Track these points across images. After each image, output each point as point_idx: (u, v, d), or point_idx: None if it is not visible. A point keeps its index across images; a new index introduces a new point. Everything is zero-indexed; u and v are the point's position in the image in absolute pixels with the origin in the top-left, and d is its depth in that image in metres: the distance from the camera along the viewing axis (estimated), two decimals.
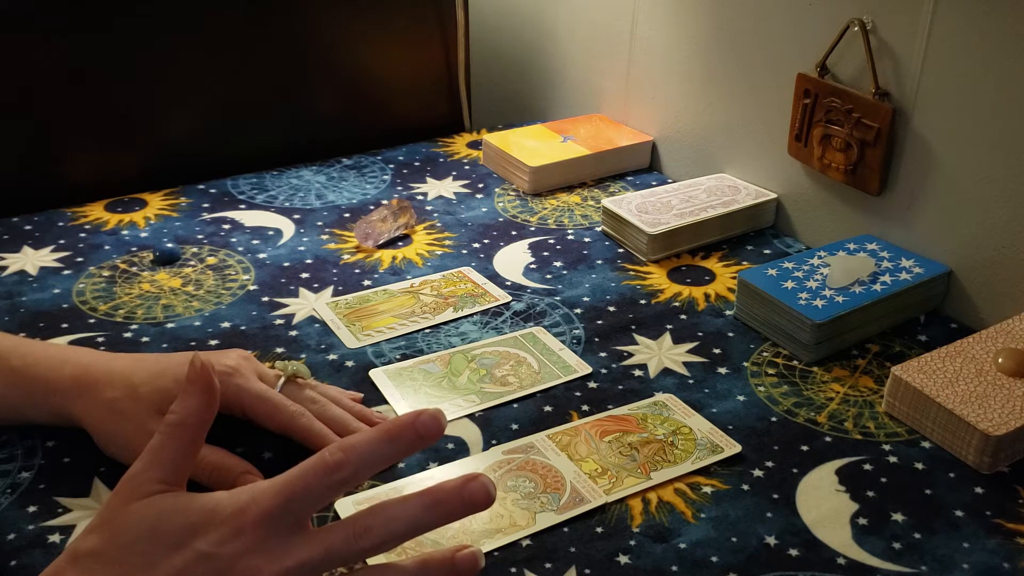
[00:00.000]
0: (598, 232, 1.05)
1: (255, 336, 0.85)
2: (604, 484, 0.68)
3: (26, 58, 1.03)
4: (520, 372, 0.81)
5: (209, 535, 0.46)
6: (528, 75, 1.44)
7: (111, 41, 1.06)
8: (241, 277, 0.94)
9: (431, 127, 1.32)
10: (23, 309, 0.87)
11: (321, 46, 1.20)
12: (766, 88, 1.04)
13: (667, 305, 0.92)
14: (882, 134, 0.91)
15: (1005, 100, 0.82)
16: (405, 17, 1.25)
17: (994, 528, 0.66)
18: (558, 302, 0.92)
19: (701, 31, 1.10)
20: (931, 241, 0.91)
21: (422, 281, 0.94)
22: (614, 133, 1.22)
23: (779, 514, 0.67)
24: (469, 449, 0.72)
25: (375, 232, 1.00)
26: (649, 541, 0.64)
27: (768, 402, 0.78)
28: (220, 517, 0.46)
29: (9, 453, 0.70)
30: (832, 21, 0.94)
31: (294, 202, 1.10)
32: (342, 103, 1.25)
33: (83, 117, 1.08)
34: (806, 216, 1.04)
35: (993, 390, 0.74)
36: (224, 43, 1.13)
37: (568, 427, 0.74)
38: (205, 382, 0.51)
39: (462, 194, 1.13)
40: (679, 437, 0.73)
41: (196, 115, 1.15)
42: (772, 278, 0.88)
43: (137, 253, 0.98)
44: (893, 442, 0.74)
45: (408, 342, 0.85)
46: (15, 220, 1.03)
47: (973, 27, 0.83)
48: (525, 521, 0.65)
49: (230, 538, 0.46)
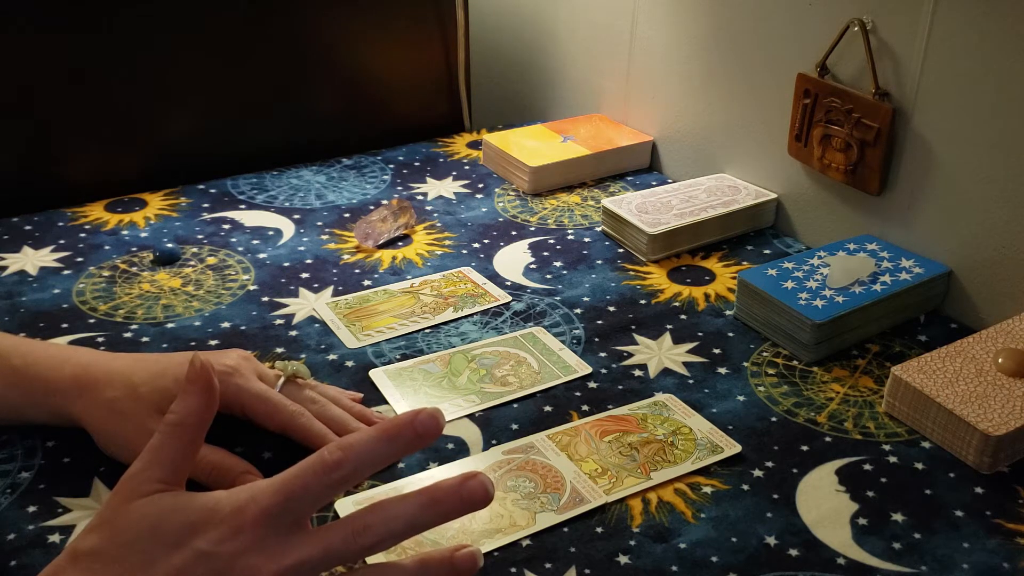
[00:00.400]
0: (598, 232, 1.05)
1: (255, 336, 0.85)
2: (604, 484, 0.68)
3: (26, 58, 1.03)
4: (520, 372, 0.81)
5: (208, 534, 0.46)
6: (528, 75, 1.44)
7: (111, 41, 1.06)
8: (241, 277, 0.94)
9: (431, 127, 1.32)
10: (23, 309, 0.87)
11: (321, 46, 1.20)
12: (766, 88, 1.04)
13: (667, 305, 0.92)
14: (882, 134, 0.91)
15: (1005, 100, 0.82)
16: (405, 17, 1.25)
17: (994, 528, 0.66)
18: (558, 302, 0.92)
19: (701, 31, 1.10)
20: (931, 241, 0.91)
21: (422, 281, 0.94)
22: (614, 133, 1.22)
23: (779, 514, 0.67)
24: (469, 449, 0.72)
25: (375, 232, 1.00)
26: (649, 541, 0.64)
27: (768, 402, 0.78)
28: (219, 516, 0.46)
29: (9, 453, 0.70)
30: (832, 21, 0.94)
31: (294, 202, 1.10)
32: (342, 103, 1.25)
33: (83, 117, 1.08)
34: (806, 216, 1.04)
35: (993, 390, 0.74)
36: (224, 43, 1.13)
37: (568, 427, 0.74)
38: (205, 382, 0.51)
39: (462, 194, 1.13)
40: (679, 437, 0.73)
41: (196, 115, 1.15)
42: (772, 278, 0.88)
43: (137, 253, 0.98)
44: (893, 442, 0.74)
45: (408, 342, 0.85)
46: (15, 220, 1.03)
47: (973, 27, 0.83)
48: (525, 521, 0.65)
49: (229, 537, 0.46)
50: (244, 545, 0.46)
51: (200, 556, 0.45)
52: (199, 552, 0.45)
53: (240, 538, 0.46)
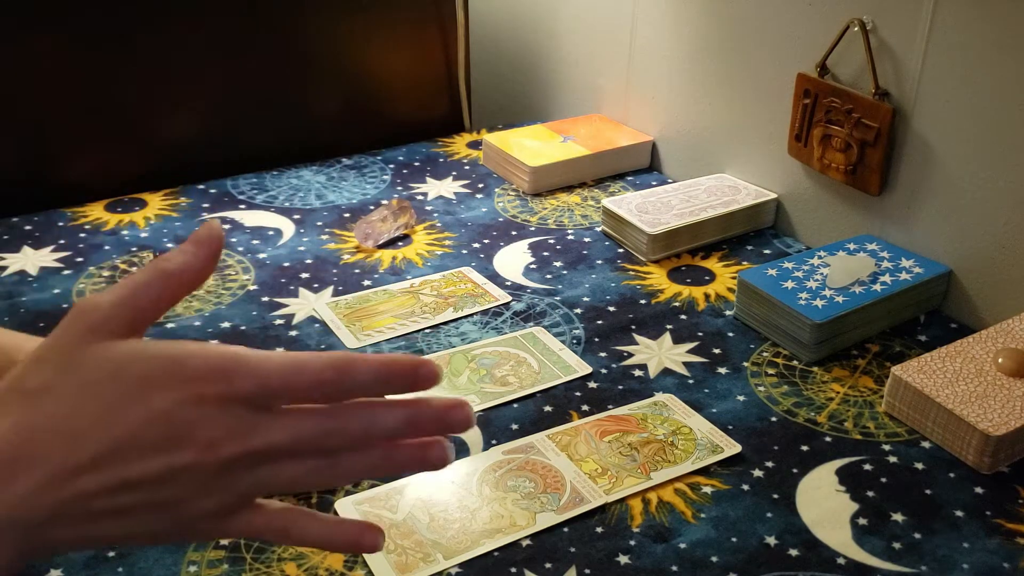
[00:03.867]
0: (598, 232, 1.05)
1: (255, 336, 0.85)
2: (604, 484, 0.68)
3: (26, 58, 1.03)
4: (520, 372, 0.81)
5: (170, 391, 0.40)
6: (528, 75, 1.44)
7: (111, 41, 1.06)
8: (241, 277, 0.94)
9: (431, 127, 1.32)
10: (23, 309, 0.87)
11: (321, 46, 1.20)
12: (766, 88, 1.04)
13: (667, 305, 0.92)
14: (882, 134, 0.91)
15: (1005, 100, 0.82)
16: (405, 17, 1.25)
17: (994, 528, 0.66)
18: (558, 302, 0.92)
19: (701, 31, 1.10)
20: (931, 241, 0.91)
21: (422, 281, 0.94)
22: (614, 133, 1.22)
23: (779, 514, 0.67)
24: (469, 449, 0.72)
25: (375, 232, 1.00)
26: (649, 541, 0.64)
27: (768, 402, 0.78)
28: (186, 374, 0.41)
29: None
30: (832, 21, 0.94)
31: (294, 202, 1.10)
32: (342, 103, 1.25)
33: (83, 117, 1.08)
34: (806, 216, 1.04)
35: (993, 390, 0.74)
36: (224, 43, 1.13)
37: (568, 427, 0.74)
38: (213, 248, 0.45)
39: (462, 194, 1.13)
40: (679, 437, 0.73)
41: (196, 115, 1.15)
42: (772, 278, 0.88)
43: (137, 253, 0.98)
44: (893, 442, 0.74)
45: (408, 342, 0.85)
46: (15, 220, 1.03)
47: (973, 27, 0.83)
48: (525, 521, 0.65)
49: (192, 402, 0.40)
50: (207, 415, 0.40)
51: (157, 416, 0.40)
52: (156, 411, 0.40)
53: (204, 407, 0.40)
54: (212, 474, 0.41)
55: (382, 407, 0.42)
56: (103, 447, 0.40)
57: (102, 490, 0.40)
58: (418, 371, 0.42)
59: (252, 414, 0.41)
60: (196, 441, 0.40)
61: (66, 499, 0.40)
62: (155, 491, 0.41)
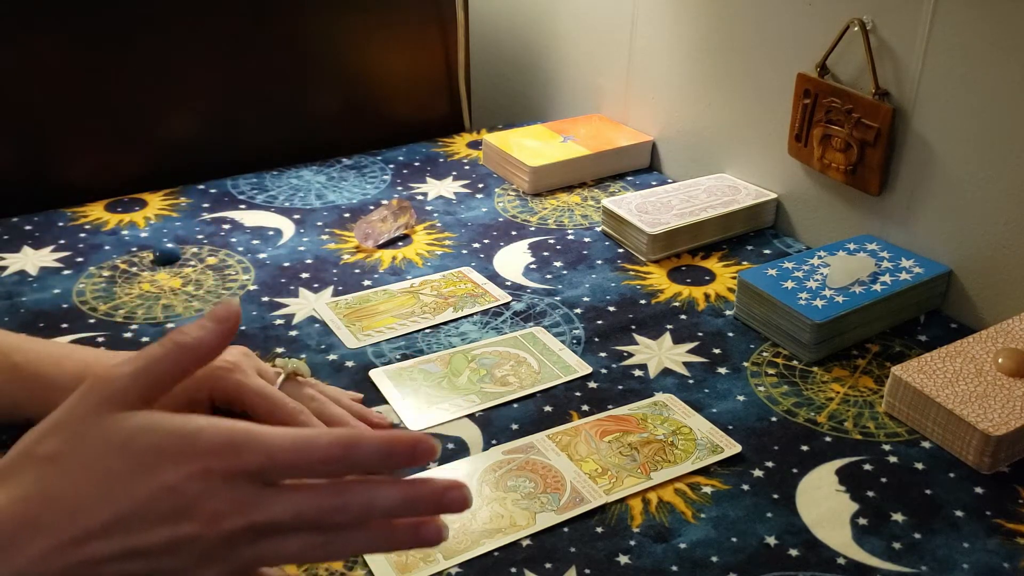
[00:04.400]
0: (598, 232, 1.05)
1: (255, 336, 0.85)
2: (604, 484, 0.68)
3: (26, 58, 1.03)
4: (520, 372, 0.81)
5: (179, 466, 0.42)
6: (528, 75, 1.44)
7: (111, 41, 1.06)
8: (241, 277, 0.94)
9: (431, 127, 1.32)
10: (23, 309, 0.87)
11: (321, 46, 1.20)
12: (766, 88, 1.04)
13: (667, 305, 0.92)
14: (882, 134, 0.91)
15: (1005, 100, 0.82)
16: (405, 17, 1.25)
17: (994, 528, 0.66)
18: (558, 302, 0.92)
19: (701, 31, 1.10)
20: (931, 241, 0.91)
21: (422, 281, 0.94)
22: (614, 133, 1.22)
23: (779, 514, 0.67)
24: (469, 449, 0.72)
25: (375, 232, 1.00)
26: (649, 541, 0.64)
27: (768, 402, 0.78)
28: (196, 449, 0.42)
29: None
30: (832, 21, 0.94)
31: (294, 202, 1.10)
32: (342, 103, 1.25)
33: (83, 117, 1.08)
34: (806, 216, 1.04)
35: (993, 390, 0.74)
36: (224, 43, 1.13)
37: (568, 427, 0.74)
38: (230, 326, 0.47)
39: (462, 194, 1.13)
40: (679, 437, 0.73)
41: (196, 115, 1.15)
42: (772, 278, 0.88)
43: (137, 253, 0.98)
44: (893, 442, 0.74)
45: (408, 342, 0.85)
46: (15, 220, 1.03)
47: (973, 27, 0.83)
48: (525, 521, 0.65)
49: (199, 476, 0.42)
50: (212, 489, 0.42)
51: (164, 489, 0.42)
52: (163, 485, 0.42)
53: (210, 481, 0.42)
54: (215, 546, 0.43)
55: (381, 486, 0.44)
56: (111, 516, 0.42)
57: (110, 557, 0.42)
58: (416, 448, 0.44)
59: (256, 489, 0.43)
60: (201, 514, 0.42)
61: (74, 564, 0.42)
62: (160, 560, 0.43)
